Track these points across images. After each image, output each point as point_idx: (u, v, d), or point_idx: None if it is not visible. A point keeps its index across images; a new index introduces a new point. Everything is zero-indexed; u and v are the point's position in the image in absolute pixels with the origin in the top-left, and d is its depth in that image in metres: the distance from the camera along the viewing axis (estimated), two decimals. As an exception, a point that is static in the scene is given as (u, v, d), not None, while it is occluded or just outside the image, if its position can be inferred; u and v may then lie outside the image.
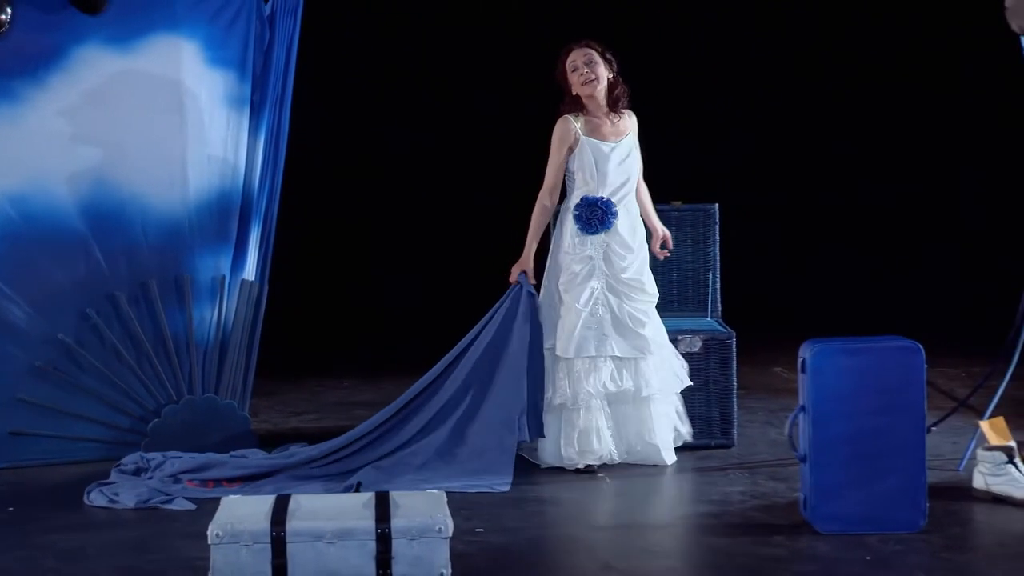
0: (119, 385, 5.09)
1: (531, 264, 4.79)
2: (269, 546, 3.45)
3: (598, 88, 4.78)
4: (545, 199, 4.82)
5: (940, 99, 8.41)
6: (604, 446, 4.73)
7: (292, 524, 3.49)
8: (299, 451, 4.85)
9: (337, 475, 4.61)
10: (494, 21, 8.33)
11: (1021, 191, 4.95)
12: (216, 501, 3.67)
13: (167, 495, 4.47)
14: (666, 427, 4.83)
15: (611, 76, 4.81)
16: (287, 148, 5.28)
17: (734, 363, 5.08)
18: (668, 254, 5.04)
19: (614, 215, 4.75)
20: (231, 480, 4.64)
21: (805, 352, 4.03)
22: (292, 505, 3.60)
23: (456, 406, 4.69)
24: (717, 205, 5.37)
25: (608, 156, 4.77)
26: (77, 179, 5.00)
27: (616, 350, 4.72)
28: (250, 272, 5.26)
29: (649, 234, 4.96)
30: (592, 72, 4.75)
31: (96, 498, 4.48)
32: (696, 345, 5.04)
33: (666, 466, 4.80)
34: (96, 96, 4.99)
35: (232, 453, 4.91)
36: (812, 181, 8.62)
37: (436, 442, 4.66)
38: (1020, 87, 4.88)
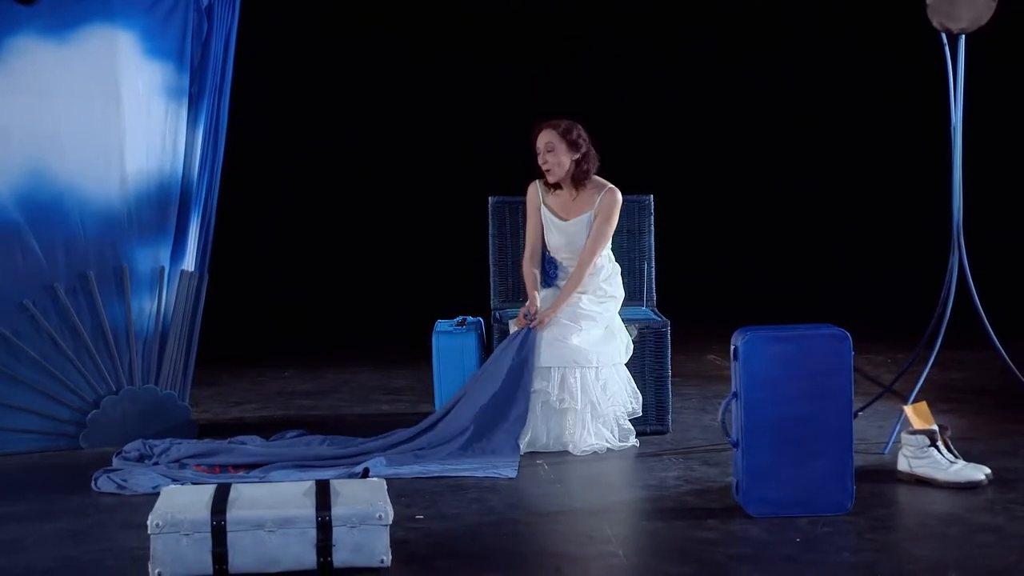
0: (57, 376, 5.06)
1: (533, 307, 4.98)
2: (210, 535, 3.48)
3: (558, 173, 5.01)
4: (525, 256, 5.15)
5: (867, 93, 8.58)
6: (525, 434, 4.90)
7: (232, 513, 3.51)
8: (297, 440, 4.95)
9: (343, 467, 4.66)
10: (431, 11, 8.36)
11: (947, 182, 5.09)
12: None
13: (175, 480, 4.44)
14: (587, 442, 4.91)
15: (577, 156, 4.96)
16: (226, 138, 5.28)
17: (669, 351, 5.17)
18: (527, 322, 4.98)
19: (554, 275, 5.12)
20: (237, 467, 4.66)
21: (737, 340, 4.09)
22: (233, 494, 3.62)
23: (463, 427, 4.85)
24: (652, 196, 5.47)
25: (552, 228, 5.09)
26: (13, 170, 4.95)
27: (541, 361, 4.89)
28: (190, 262, 5.25)
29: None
30: (549, 161, 4.95)
31: (104, 484, 4.46)
32: (632, 333, 5.14)
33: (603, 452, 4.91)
34: (32, 87, 4.95)
35: (231, 440, 4.94)
36: (744, 172, 8.76)
37: (445, 446, 4.84)
38: (942, 83, 5.01)
